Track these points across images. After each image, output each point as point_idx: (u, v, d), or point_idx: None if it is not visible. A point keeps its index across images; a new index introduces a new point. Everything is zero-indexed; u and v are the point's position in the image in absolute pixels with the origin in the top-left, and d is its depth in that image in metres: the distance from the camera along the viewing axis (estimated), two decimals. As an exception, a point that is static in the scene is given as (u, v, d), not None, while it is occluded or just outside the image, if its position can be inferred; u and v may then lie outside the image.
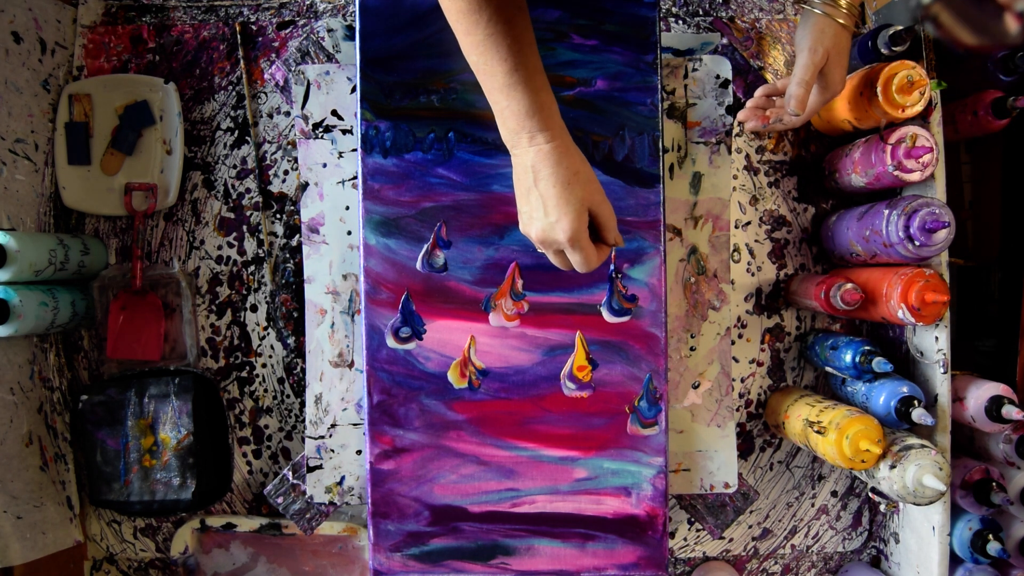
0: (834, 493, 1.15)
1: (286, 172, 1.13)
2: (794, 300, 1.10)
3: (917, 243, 0.90)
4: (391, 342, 0.88)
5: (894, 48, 0.96)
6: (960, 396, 0.96)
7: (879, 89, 0.92)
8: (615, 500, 0.89)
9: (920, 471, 0.88)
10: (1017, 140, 1.05)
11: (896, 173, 0.93)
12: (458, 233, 0.87)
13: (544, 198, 0.68)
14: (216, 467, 1.09)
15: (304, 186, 0.95)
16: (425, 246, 0.87)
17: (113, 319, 1.09)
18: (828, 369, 1.04)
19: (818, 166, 1.13)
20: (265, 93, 1.13)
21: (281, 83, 1.02)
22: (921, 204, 0.90)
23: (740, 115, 0.94)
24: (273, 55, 1.13)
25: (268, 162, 1.13)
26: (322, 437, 0.95)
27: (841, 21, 0.80)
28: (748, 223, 1.13)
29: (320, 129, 0.95)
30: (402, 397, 0.88)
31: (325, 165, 0.95)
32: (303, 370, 1.12)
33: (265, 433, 1.14)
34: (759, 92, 0.93)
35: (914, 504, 0.90)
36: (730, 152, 0.96)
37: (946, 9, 0.24)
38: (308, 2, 1.14)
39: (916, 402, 0.92)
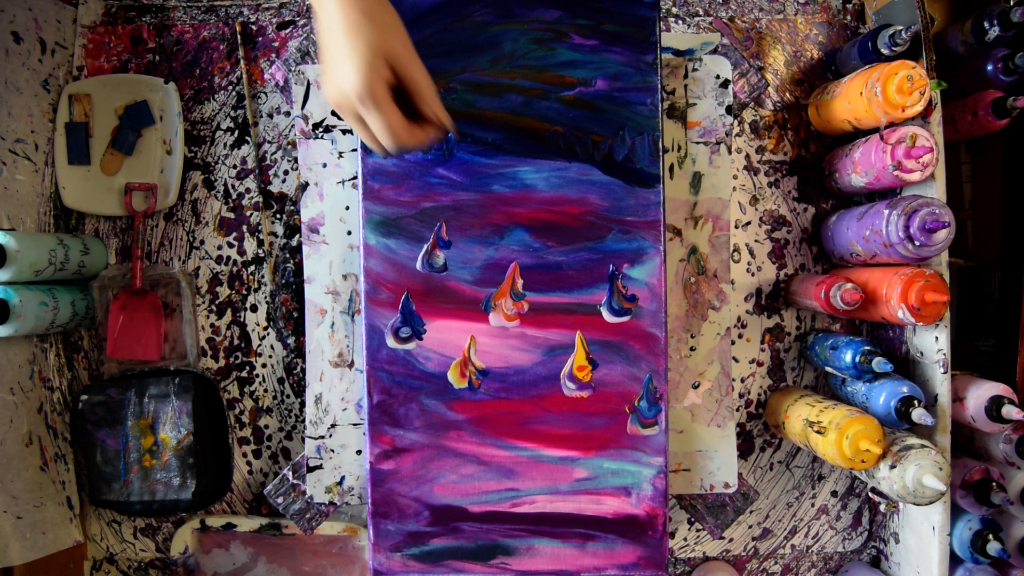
0: (834, 493, 1.15)
1: (286, 172, 1.13)
2: (794, 300, 1.10)
3: (917, 243, 0.90)
4: (391, 342, 0.88)
5: (894, 48, 0.96)
6: (960, 396, 0.96)
7: (879, 89, 0.92)
8: (615, 500, 0.89)
9: (920, 471, 0.88)
10: (1017, 140, 1.05)
11: (896, 173, 0.93)
12: (458, 233, 0.87)
13: (332, 48, 0.56)
14: (216, 467, 1.09)
15: (304, 186, 0.95)
16: (425, 246, 0.87)
17: (113, 319, 1.09)
18: (828, 369, 1.04)
19: (818, 166, 1.13)
20: (265, 93, 1.13)
21: (281, 83, 1.02)
22: (921, 204, 0.90)
23: None
24: (273, 55, 1.13)
25: (268, 162, 1.13)
26: (322, 437, 0.95)
27: None
28: (748, 223, 1.13)
29: (320, 129, 0.95)
30: (402, 397, 0.88)
31: (325, 165, 0.95)
32: (303, 370, 1.12)
33: (265, 433, 1.14)
34: None
35: (914, 504, 0.90)
36: (730, 152, 0.96)
37: None
38: (308, 2, 1.14)
39: (916, 402, 0.92)
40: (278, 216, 1.13)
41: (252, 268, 1.13)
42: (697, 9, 1.14)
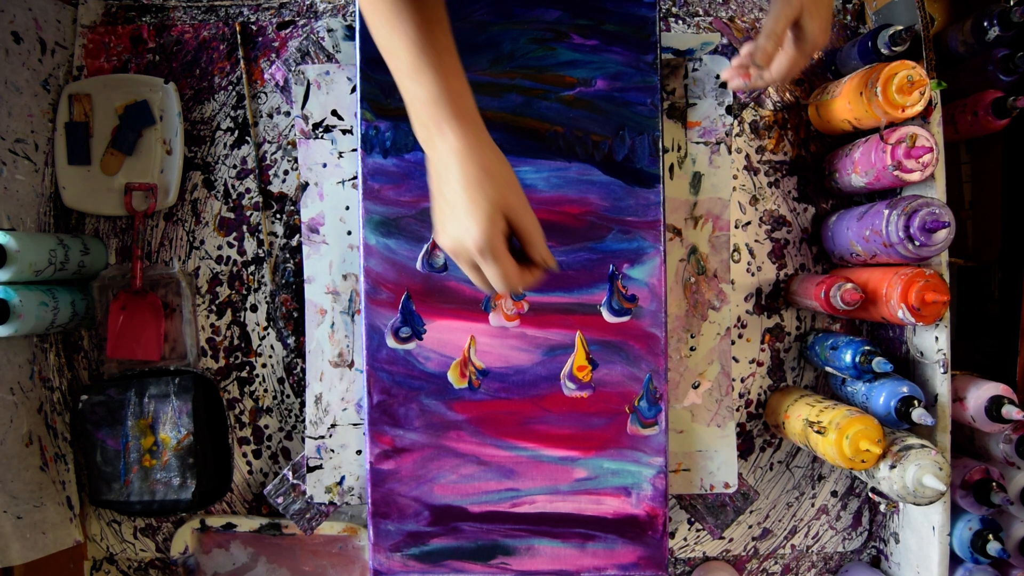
0: (834, 493, 1.15)
1: (286, 172, 1.13)
2: (794, 300, 1.10)
3: (917, 243, 0.90)
4: (391, 342, 0.88)
5: (894, 48, 0.96)
6: (960, 396, 0.96)
7: (879, 89, 0.92)
8: (615, 500, 0.89)
9: (920, 471, 0.88)
10: (1017, 140, 1.05)
11: (896, 173, 0.93)
12: (458, 233, 0.87)
13: (451, 201, 0.59)
14: (216, 467, 1.09)
15: (304, 186, 0.95)
16: (425, 246, 0.87)
17: (113, 319, 1.09)
18: (828, 369, 1.04)
19: (818, 166, 1.13)
20: (265, 93, 1.13)
21: (281, 83, 1.02)
22: (921, 204, 0.90)
23: (723, 74, 0.85)
24: (273, 55, 1.13)
25: (268, 162, 1.13)
26: (322, 437, 0.95)
27: None
28: (748, 223, 1.13)
29: (320, 129, 0.95)
30: (402, 397, 0.88)
31: (325, 165, 0.95)
32: (303, 370, 1.12)
33: (265, 433, 1.14)
34: (744, 49, 0.87)
35: (914, 504, 0.90)
36: (730, 152, 0.96)
37: None
38: (308, 2, 1.14)
39: (916, 402, 0.92)
40: (278, 216, 1.13)
41: (252, 268, 1.13)
42: (697, 9, 1.14)
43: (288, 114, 1.13)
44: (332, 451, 0.95)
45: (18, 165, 1.05)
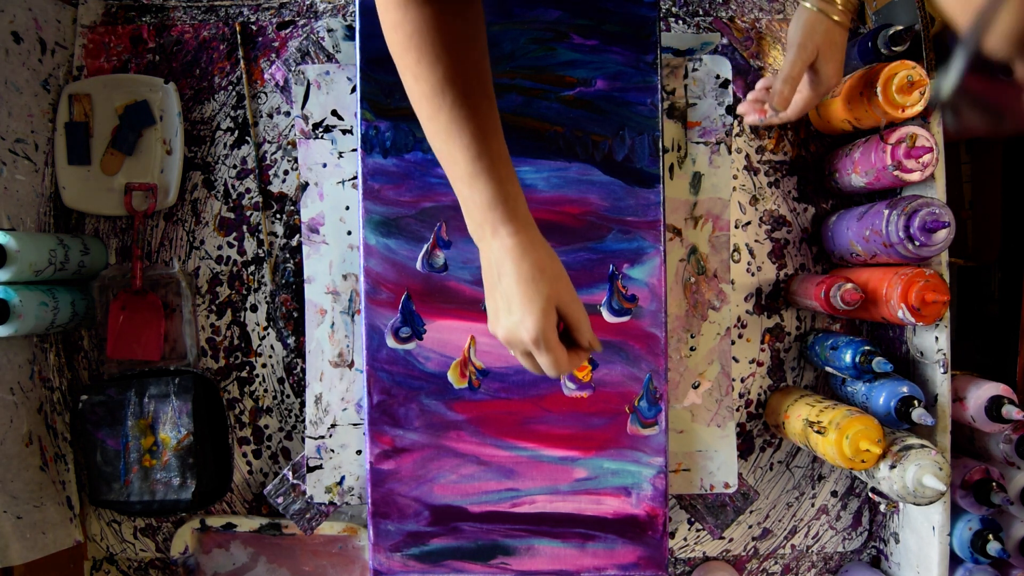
0: (834, 493, 1.15)
1: (286, 172, 1.13)
2: (794, 300, 1.10)
3: (917, 243, 0.90)
4: (391, 342, 0.88)
5: (894, 48, 0.96)
6: (960, 396, 0.96)
7: (879, 89, 0.92)
8: (615, 500, 0.89)
9: (920, 471, 0.88)
10: (1017, 140, 1.05)
11: (896, 173, 0.93)
12: (458, 233, 0.87)
13: (507, 295, 0.63)
14: (216, 467, 1.09)
15: (304, 186, 0.95)
16: (425, 246, 0.87)
17: (113, 319, 1.09)
18: (828, 369, 1.04)
19: (818, 166, 1.13)
20: (265, 93, 1.13)
21: (281, 83, 1.02)
22: (921, 204, 0.90)
23: (740, 108, 0.92)
24: (273, 55, 1.13)
25: (268, 162, 1.13)
26: (322, 437, 0.95)
27: (836, 18, 0.77)
28: (748, 223, 1.13)
29: (320, 129, 0.95)
30: (402, 397, 0.88)
31: (325, 165, 0.95)
32: (303, 370, 1.12)
33: (265, 433, 1.14)
34: (759, 84, 0.92)
35: (914, 504, 0.90)
36: (730, 152, 0.96)
37: (964, 99, 0.23)
38: (308, 2, 1.14)
39: (916, 402, 0.92)
40: (278, 216, 1.13)
41: (252, 268, 1.13)
42: (697, 9, 1.14)
43: (288, 114, 1.13)
44: (332, 451, 0.95)
45: (18, 165, 1.05)
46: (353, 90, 0.93)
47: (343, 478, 0.95)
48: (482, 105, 0.61)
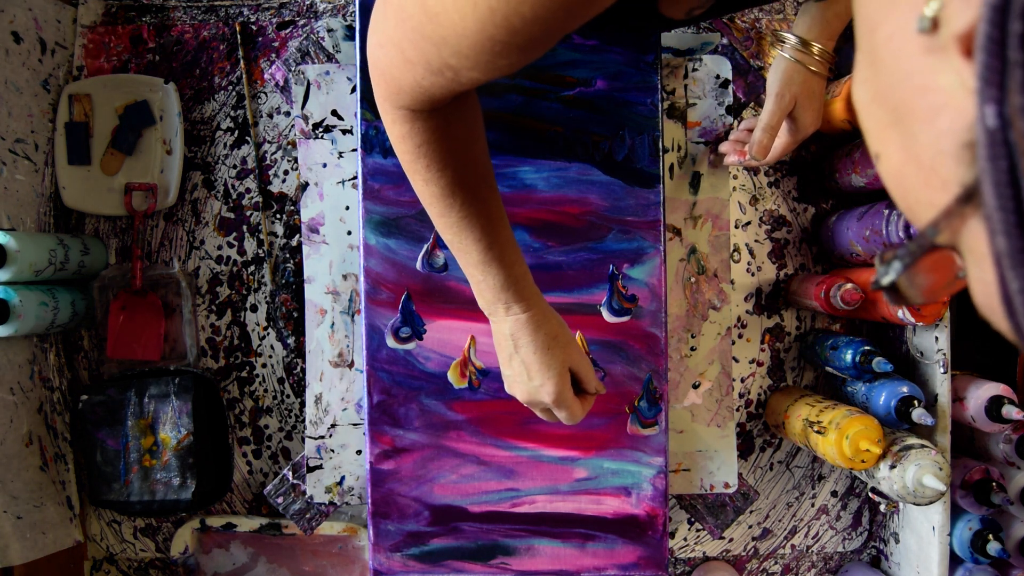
0: (834, 493, 1.15)
1: (286, 172, 1.13)
2: (794, 300, 1.10)
3: (917, 243, 0.90)
4: (391, 342, 0.88)
5: (894, 48, 0.96)
6: (960, 396, 0.96)
7: (879, 89, 0.92)
8: (615, 500, 0.89)
9: (920, 471, 0.88)
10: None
11: (896, 173, 0.93)
12: (458, 233, 0.87)
13: (526, 364, 0.69)
14: (216, 467, 1.09)
15: (304, 186, 0.95)
16: (425, 246, 0.87)
17: (113, 319, 1.09)
18: (828, 369, 1.04)
19: (818, 166, 1.13)
20: (265, 93, 1.13)
21: (281, 83, 1.02)
22: (921, 204, 0.90)
23: (721, 147, 0.93)
24: (273, 55, 1.13)
25: (268, 162, 1.13)
26: (322, 437, 0.95)
27: (813, 68, 0.79)
28: (748, 223, 1.13)
29: (320, 129, 0.95)
30: (402, 397, 0.88)
31: (325, 165, 0.95)
32: (303, 370, 1.12)
33: (265, 433, 1.14)
34: (741, 126, 0.92)
35: (914, 504, 0.90)
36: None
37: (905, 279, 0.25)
38: (308, 2, 1.14)
39: (916, 402, 0.92)
40: (278, 216, 1.13)
41: (252, 268, 1.13)
42: (697, 9, 1.14)
43: (288, 114, 1.13)
44: (332, 451, 0.95)
45: (18, 165, 1.05)
46: (353, 90, 0.93)
47: (343, 478, 0.95)
48: (490, 198, 0.65)
